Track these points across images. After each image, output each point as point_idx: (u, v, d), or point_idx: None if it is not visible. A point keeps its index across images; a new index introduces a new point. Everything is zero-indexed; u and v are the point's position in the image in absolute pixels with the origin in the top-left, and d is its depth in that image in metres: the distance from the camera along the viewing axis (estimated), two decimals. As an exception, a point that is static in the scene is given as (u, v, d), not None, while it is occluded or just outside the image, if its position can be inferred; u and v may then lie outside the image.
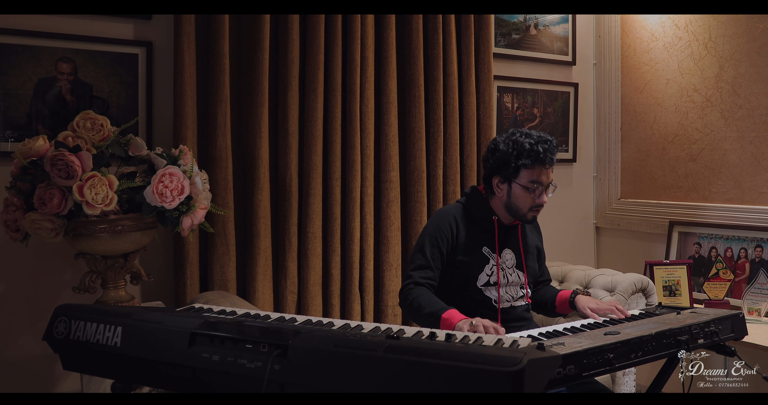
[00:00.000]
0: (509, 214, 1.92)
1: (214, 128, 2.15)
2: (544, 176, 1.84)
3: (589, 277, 2.43)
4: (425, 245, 1.90)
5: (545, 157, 1.82)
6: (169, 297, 2.17)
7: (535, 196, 1.85)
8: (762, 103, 2.46)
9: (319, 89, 2.31)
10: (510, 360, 0.95)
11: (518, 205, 1.88)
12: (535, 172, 1.83)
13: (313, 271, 2.32)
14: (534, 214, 1.89)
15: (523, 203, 1.87)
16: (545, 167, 1.84)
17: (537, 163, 1.82)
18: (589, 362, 1.46)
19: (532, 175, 1.83)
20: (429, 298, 1.80)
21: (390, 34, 2.44)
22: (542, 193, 1.85)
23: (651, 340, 1.59)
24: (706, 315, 1.79)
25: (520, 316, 1.97)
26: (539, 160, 1.81)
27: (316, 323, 1.41)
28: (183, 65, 2.08)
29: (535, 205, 1.86)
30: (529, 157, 1.82)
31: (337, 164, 2.35)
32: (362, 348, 1.03)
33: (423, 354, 1.00)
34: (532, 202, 1.86)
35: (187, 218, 1.74)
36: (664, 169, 2.87)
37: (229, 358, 1.12)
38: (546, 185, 1.85)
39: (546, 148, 1.82)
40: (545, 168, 1.84)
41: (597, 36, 3.14)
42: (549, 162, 1.83)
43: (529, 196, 1.85)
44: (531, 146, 1.82)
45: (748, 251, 2.51)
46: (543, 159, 1.81)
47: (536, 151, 1.81)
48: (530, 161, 1.82)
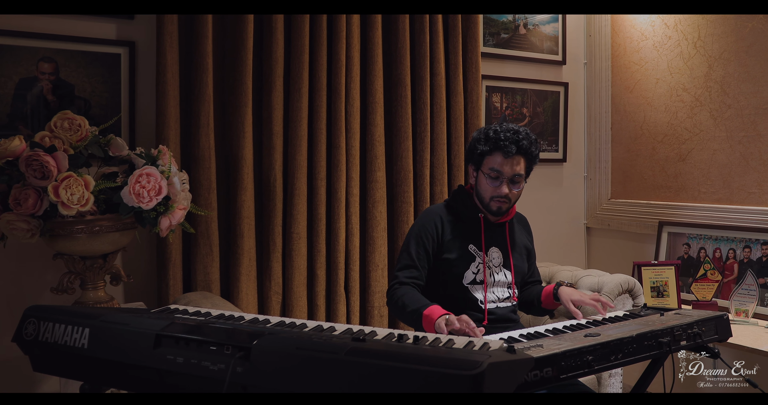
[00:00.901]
0: (481, 205, 1.91)
1: (197, 128, 2.14)
2: (506, 166, 1.82)
3: (576, 277, 2.42)
4: (411, 245, 1.90)
5: (505, 146, 1.80)
6: (152, 298, 2.16)
7: (495, 185, 1.84)
8: (750, 102, 2.44)
9: (304, 89, 2.30)
10: (470, 363, 0.94)
11: (482, 195, 1.88)
12: (495, 160, 1.83)
13: (297, 271, 2.31)
14: (497, 204, 1.87)
15: (485, 192, 1.87)
16: (506, 156, 1.82)
17: (496, 150, 1.82)
18: (568, 364, 1.44)
19: (493, 162, 1.83)
20: (413, 297, 1.79)
21: (376, 34, 2.43)
22: (503, 183, 1.83)
23: (631, 341, 1.57)
24: (689, 316, 1.78)
25: (506, 317, 1.95)
26: (498, 147, 1.81)
27: (288, 325, 1.40)
28: (165, 65, 2.07)
29: (496, 196, 1.85)
30: (488, 144, 1.82)
31: (322, 164, 2.35)
32: (324, 350, 1.02)
33: (384, 357, 0.99)
34: (492, 192, 1.85)
35: (165, 219, 1.73)
36: (653, 169, 2.85)
37: (193, 360, 1.11)
38: (509, 176, 1.83)
39: (508, 136, 1.81)
40: (507, 157, 1.82)
41: (587, 35, 3.12)
42: (509, 151, 1.81)
43: (490, 186, 1.85)
44: (495, 134, 1.82)
45: (737, 252, 2.49)
46: (502, 146, 1.80)
47: (497, 138, 1.81)
48: (489, 148, 1.82)
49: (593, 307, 1.81)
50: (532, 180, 3.00)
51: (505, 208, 1.90)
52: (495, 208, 1.88)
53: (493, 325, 1.90)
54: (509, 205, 1.90)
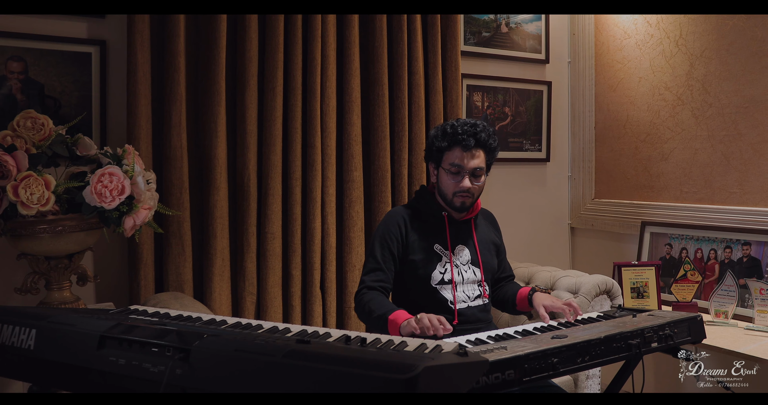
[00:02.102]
0: (444, 203, 1.89)
1: (168, 127, 2.13)
2: (466, 160, 1.81)
3: (555, 278, 2.40)
4: (375, 248, 1.89)
5: (462, 139, 1.79)
6: (124, 298, 2.15)
7: (456, 181, 1.82)
8: (731, 101, 2.41)
9: (278, 88, 2.28)
10: (405, 367, 0.92)
11: (444, 191, 1.87)
12: (454, 155, 1.82)
13: (272, 272, 2.29)
14: (461, 199, 1.85)
15: (448, 188, 1.85)
16: (465, 150, 1.81)
17: (455, 145, 1.81)
18: (531, 367, 1.43)
19: (452, 157, 1.82)
20: (379, 302, 1.77)
21: (352, 33, 2.42)
22: (464, 177, 1.82)
23: (599, 343, 1.55)
24: (662, 318, 1.76)
25: (476, 317, 1.93)
26: (457, 142, 1.80)
27: (244, 326, 1.39)
28: (136, 64, 2.06)
29: (458, 191, 1.83)
30: (446, 139, 1.82)
31: (297, 164, 2.33)
32: (262, 353, 1.00)
33: (321, 360, 0.97)
34: (454, 187, 1.83)
35: (129, 219, 1.72)
36: (636, 169, 2.83)
37: (134, 362, 1.09)
38: (470, 170, 1.82)
39: (465, 129, 1.81)
40: (465, 151, 1.81)
41: (571, 34, 3.10)
42: (467, 144, 1.80)
43: (451, 181, 1.83)
44: (452, 129, 1.81)
45: (718, 252, 2.46)
46: (460, 140, 1.79)
47: (454, 133, 1.80)
48: (447, 143, 1.82)
49: (563, 311, 1.79)
50: (515, 179, 2.99)
51: (468, 203, 1.88)
52: (459, 204, 1.86)
53: (464, 326, 1.88)
54: (472, 199, 1.88)
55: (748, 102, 2.35)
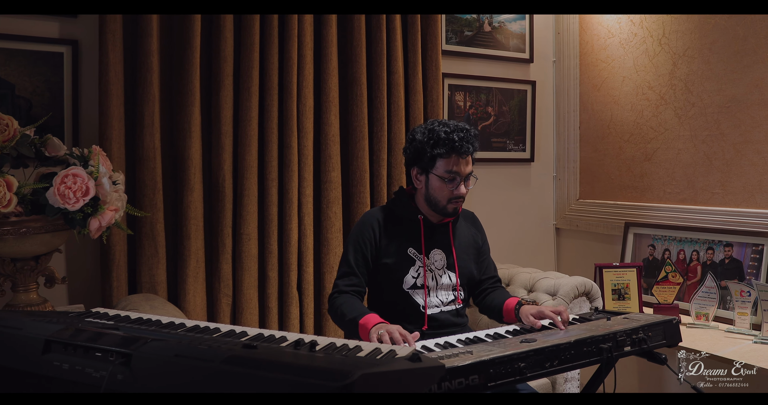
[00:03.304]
0: (430, 208, 1.87)
1: (141, 128, 2.11)
2: (461, 166, 1.79)
3: (534, 280, 2.37)
4: (349, 252, 1.87)
5: (461, 146, 1.76)
6: (96, 299, 2.13)
7: (452, 187, 1.80)
8: (714, 100, 2.38)
9: (254, 88, 2.26)
10: (341, 374, 0.90)
11: (437, 197, 1.83)
12: (451, 162, 1.78)
13: (248, 273, 2.27)
14: (454, 205, 1.83)
15: (441, 195, 1.82)
16: (462, 157, 1.78)
17: (452, 152, 1.77)
18: (497, 371, 1.40)
19: (448, 164, 1.78)
20: (351, 306, 1.75)
21: (330, 32, 2.39)
22: (460, 183, 1.79)
23: (569, 348, 1.52)
24: (637, 321, 1.73)
25: (450, 322, 1.91)
26: (454, 149, 1.76)
27: (202, 329, 1.37)
28: (108, 64, 2.04)
29: (454, 197, 1.81)
30: (443, 146, 1.77)
31: (273, 164, 2.31)
32: (201, 358, 0.98)
33: (258, 366, 0.95)
34: (450, 194, 1.80)
35: (94, 220, 1.70)
36: (620, 169, 2.80)
37: (77, 366, 1.07)
38: (464, 176, 1.80)
39: (462, 136, 1.77)
40: (462, 158, 1.78)
41: (556, 33, 3.07)
42: (465, 151, 1.77)
43: (446, 187, 1.80)
44: (447, 135, 1.77)
45: (700, 253, 2.43)
46: (458, 148, 1.76)
47: (451, 140, 1.76)
48: (445, 150, 1.77)
49: (552, 318, 1.74)
50: (498, 180, 2.96)
51: (460, 208, 1.87)
52: (451, 210, 1.84)
53: (435, 330, 1.85)
54: (463, 202, 1.87)
55: (730, 101, 2.32)
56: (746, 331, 2.12)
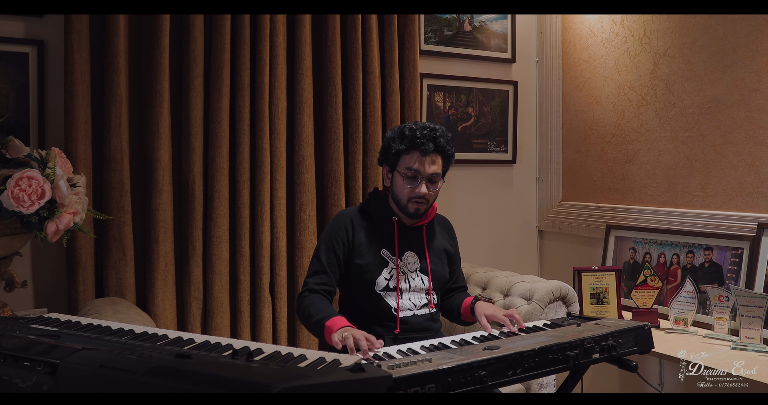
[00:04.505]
0: (398, 208, 1.84)
1: (108, 129, 2.08)
2: (424, 165, 1.75)
3: (511, 283, 2.33)
4: (321, 250, 1.84)
5: (422, 143, 1.74)
6: (63, 303, 2.10)
7: (413, 186, 1.77)
8: (694, 101, 2.34)
9: (225, 88, 2.23)
10: (260, 387, 0.86)
11: (399, 196, 1.81)
12: (412, 159, 1.76)
13: (218, 276, 2.24)
14: (415, 206, 1.79)
15: (402, 193, 1.80)
16: (424, 155, 1.75)
17: (413, 149, 1.75)
18: (456, 380, 1.36)
19: (410, 162, 1.76)
20: (319, 306, 1.72)
21: (303, 32, 2.36)
22: (421, 183, 1.76)
23: (533, 355, 1.48)
24: (607, 327, 1.69)
25: (422, 326, 1.87)
26: (415, 145, 1.74)
27: (149, 336, 1.33)
28: (73, 64, 2.01)
29: (414, 197, 1.78)
30: (404, 143, 1.76)
31: (245, 166, 2.28)
32: (125, 369, 0.95)
33: (181, 378, 0.92)
34: (410, 193, 1.78)
35: (51, 223, 1.67)
36: (602, 171, 2.75)
37: (5, 376, 1.04)
38: (427, 176, 1.76)
39: (425, 134, 1.75)
40: (424, 156, 1.75)
41: (539, 32, 3.03)
42: (427, 149, 1.74)
43: (407, 186, 1.77)
44: (411, 132, 1.76)
45: (680, 257, 2.38)
46: (419, 144, 1.74)
47: (413, 137, 1.74)
48: (406, 146, 1.76)
49: (503, 322, 1.72)
50: (479, 181, 2.92)
51: (423, 210, 1.82)
52: (413, 210, 1.81)
53: (407, 334, 1.82)
54: (427, 205, 1.82)
55: (711, 102, 2.28)
56: (725, 337, 2.08)
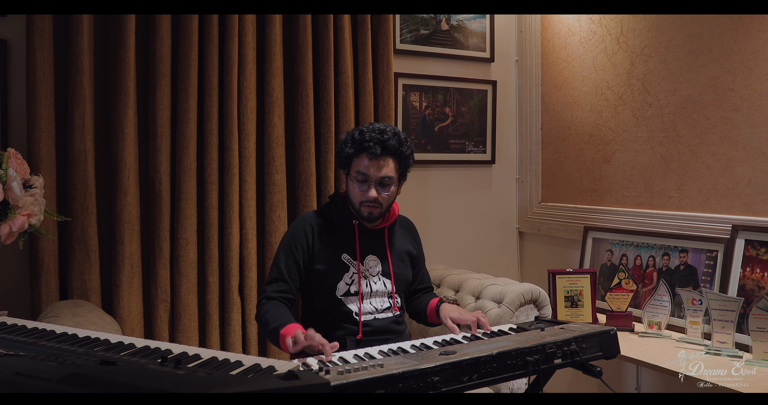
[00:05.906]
0: (354, 211, 1.81)
1: (71, 129, 2.05)
2: (373, 169, 1.73)
3: (483, 286, 2.29)
4: (280, 257, 1.82)
5: (369, 147, 1.71)
6: (26, 306, 2.08)
7: (362, 189, 1.75)
8: (670, 101, 2.30)
9: (192, 89, 2.20)
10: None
11: (353, 200, 1.79)
12: (361, 163, 1.74)
13: (186, 278, 2.21)
14: (368, 209, 1.77)
15: (355, 197, 1.78)
16: (372, 158, 1.72)
17: (361, 152, 1.73)
18: (407, 386, 1.33)
19: (359, 165, 1.74)
20: (275, 314, 1.70)
21: (274, 31, 2.33)
22: (370, 187, 1.74)
23: (490, 360, 1.45)
24: (571, 332, 1.66)
25: (385, 328, 1.85)
26: (363, 149, 1.72)
27: (91, 341, 1.31)
28: (36, 64, 1.99)
29: (365, 200, 1.75)
30: (354, 146, 1.74)
31: (213, 167, 2.25)
32: (39, 377, 0.92)
33: (94, 386, 0.89)
34: (361, 196, 1.76)
35: (4, 225, 1.65)
36: (580, 172, 2.71)
37: (-76, 384, 1.01)
38: (376, 179, 1.74)
39: (374, 136, 1.72)
40: (372, 159, 1.72)
41: (519, 31, 2.99)
42: (374, 152, 1.71)
43: (358, 190, 1.76)
44: (361, 135, 1.74)
45: (656, 259, 2.35)
46: (367, 148, 1.71)
47: (362, 140, 1.72)
48: (354, 150, 1.74)
49: (470, 324, 1.70)
50: (457, 182, 2.88)
51: (376, 214, 1.79)
52: (366, 214, 1.79)
53: (369, 337, 1.80)
54: (381, 209, 1.80)
55: (686, 102, 2.24)
56: (698, 341, 2.04)
